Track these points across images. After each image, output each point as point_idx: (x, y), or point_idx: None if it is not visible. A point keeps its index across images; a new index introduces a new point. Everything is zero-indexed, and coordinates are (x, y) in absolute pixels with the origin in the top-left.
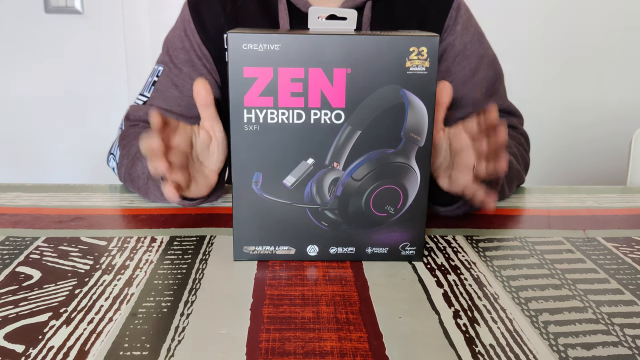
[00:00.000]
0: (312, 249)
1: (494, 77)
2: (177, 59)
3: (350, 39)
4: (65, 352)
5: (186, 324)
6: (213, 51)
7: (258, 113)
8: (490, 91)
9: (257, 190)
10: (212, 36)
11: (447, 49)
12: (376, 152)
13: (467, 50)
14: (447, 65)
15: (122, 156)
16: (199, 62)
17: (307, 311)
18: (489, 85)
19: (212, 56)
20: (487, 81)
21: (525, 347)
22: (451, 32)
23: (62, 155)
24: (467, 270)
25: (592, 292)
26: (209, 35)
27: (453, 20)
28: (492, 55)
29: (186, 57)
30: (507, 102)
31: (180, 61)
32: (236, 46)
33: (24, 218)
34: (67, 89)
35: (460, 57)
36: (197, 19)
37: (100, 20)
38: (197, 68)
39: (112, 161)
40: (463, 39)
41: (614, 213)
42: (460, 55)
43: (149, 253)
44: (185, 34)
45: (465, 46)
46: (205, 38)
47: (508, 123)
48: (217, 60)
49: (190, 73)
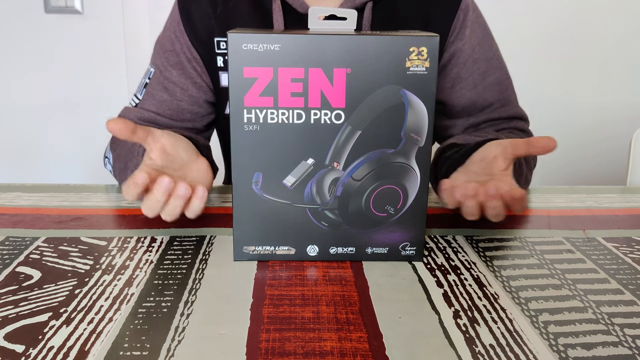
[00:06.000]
0: (312, 249)
1: (505, 82)
2: (168, 61)
3: (350, 39)
4: (65, 352)
5: (186, 324)
6: (203, 54)
7: (258, 113)
8: (500, 95)
9: (257, 190)
10: (202, 39)
11: (455, 54)
12: (376, 152)
13: (476, 53)
14: (457, 72)
15: (114, 160)
16: (188, 64)
17: (307, 311)
18: (501, 91)
19: (202, 59)
20: (498, 85)
21: (525, 347)
22: (459, 37)
23: (62, 155)
24: (467, 270)
25: (592, 292)
26: (199, 38)
27: (461, 22)
28: (499, 57)
29: (176, 60)
30: (517, 107)
31: (170, 64)
32: (236, 46)
33: (24, 218)
34: (67, 89)
35: (470, 61)
36: (186, 21)
37: (100, 20)
38: (186, 71)
39: (107, 164)
40: (471, 42)
41: (614, 213)
42: (469, 59)
43: (149, 253)
44: (175, 35)
45: (474, 49)
46: (195, 40)
47: (520, 127)
48: (207, 63)
49: (180, 76)
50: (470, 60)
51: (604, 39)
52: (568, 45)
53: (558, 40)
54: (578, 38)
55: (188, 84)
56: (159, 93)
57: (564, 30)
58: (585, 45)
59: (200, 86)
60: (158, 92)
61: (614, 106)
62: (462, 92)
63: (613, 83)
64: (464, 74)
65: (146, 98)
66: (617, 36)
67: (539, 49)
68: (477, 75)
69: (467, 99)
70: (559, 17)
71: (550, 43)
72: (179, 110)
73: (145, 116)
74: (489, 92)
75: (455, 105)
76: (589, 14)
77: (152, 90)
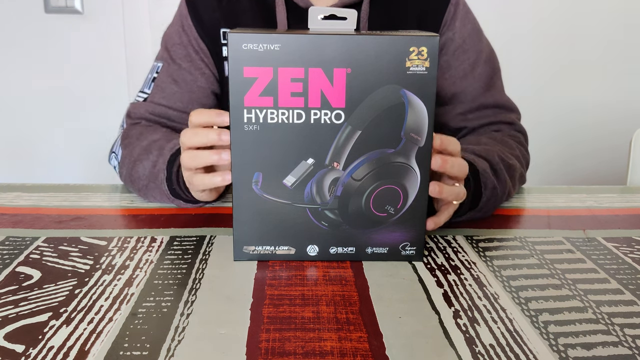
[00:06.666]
0: (312, 249)
1: (491, 72)
2: (176, 55)
3: (350, 39)
4: (65, 352)
5: (186, 324)
6: (210, 45)
7: (258, 113)
8: (487, 85)
9: (257, 190)
10: (208, 30)
11: (446, 43)
12: (376, 152)
13: (466, 44)
14: (446, 59)
15: (124, 156)
16: (196, 56)
17: (307, 311)
18: (486, 79)
19: (209, 50)
20: (486, 76)
21: (525, 347)
22: (450, 27)
23: (62, 156)
24: (467, 270)
25: (592, 292)
26: (206, 30)
27: (451, 15)
28: (490, 51)
29: (184, 52)
30: (505, 97)
31: (178, 56)
32: (236, 46)
33: (24, 218)
34: (67, 89)
35: (460, 51)
36: (193, 14)
37: (100, 20)
38: (195, 63)
39: (113, 160)
40: (462, 34)
41: (614, 213)
42: (459, 49)
43: (149, 253)
44: (183, 29)
45: (464, 40)
46: (202, 32)
47: (506, 120)
48: (213, 55)
49: (189, 68)
50: (459, 50)
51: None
52: (568, 44)
53: (558, 40)
54: (578, 37)
55: (197, 74)
56: (169, 86)
57: (564, 29)
58: (586, 44)
59: (208, 77)
60: (168, 84)
61: (614, 106)
62: (452, 80)
63: (613, 82)
64: (453, 63)
65: (155, 91)
66: (618, 36)
67: (539, 49)
68: (467, 65)
69: (456, 87)
70: (559, 17)
71: (550, 43)
72: (189, 101)
73: (157, 111)
74: (478, 83)
75: (446, 93)
76: (589, 14)
77: (161, 84)
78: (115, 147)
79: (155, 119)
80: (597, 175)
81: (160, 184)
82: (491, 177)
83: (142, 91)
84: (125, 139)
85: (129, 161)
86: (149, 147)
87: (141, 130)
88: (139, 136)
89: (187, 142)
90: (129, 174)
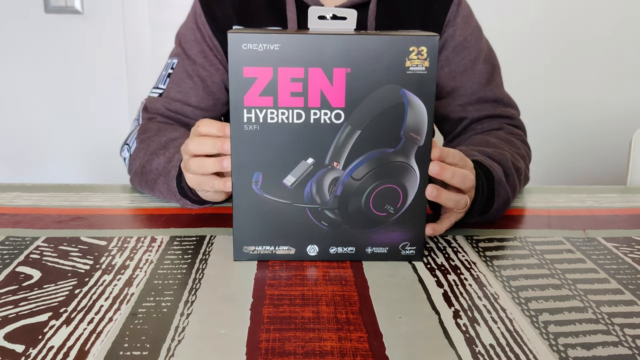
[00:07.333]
0: (312, 248)
1: (491, 69)
2: (190, 51)
3: (350, 38)
4: (65, 352)
5: (186, 324)
6: (223, 42)
7: (258, 113)
8: (487, 81)
9: (257, 190)
10: (222, 27)
11: (447, 40)
12: (376, 152)
13: (467, 42)
14: (446, 55)
15: (139, 149)
16: (210, 53)
17: (307, 311)
18: (486, 76)
19: (223, 47)
20: (486, 72)
21: (525, 347)
22: (452, 25)
23: (62, 156)
24: (467, 270)
25: (592, 292)
26: (219, 26)
27: (454, 14)
28: (489, 50)
29: (199, 49)
30: (504, 93)
31: (193, 53)
32: (236, 46)
33: (24, 218)
34: (67, 89)
35: (460, 47)
36: (207, 11)
37: (100, 20)
38: (209, 59)
39: (125, 151)
40: (464, 31)
41: (614, 213)
42: (460, 46)
43: (149, 253)
44: (197, 26)
45: (466, 38)
46: (216, 29)
47: (506, 114)
48: (226, 52)
49: (204, 64)
50: (460, 46)
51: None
52: (568, 44)
53: (558, 39)
54: (578, 37)
55: (212, 70)
56: (185, 81)
57: (564, 28)
58: (586, 44)
59: (222, 73)
60: (183, 80)
61: (614, 106)
62: (452, 75)
63: (614, 82)
64: (453, 59)
65: (171, 86)
66: (618, 35)
67: (539, 49)
68: (468, 61)
69: (456, 81)
70: (560, 16)
71: (550, 41)
72: (204, 97)
73: (173, 107)
74: (477, 79)
75: (446, 87)
76: (589, 12)
77: (177, 79)
78: (129, 140)
79: (171, 114)
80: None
81: (171, 180)
82: (505, 187)
83: (157, 87)
84: (142, 133)
85: (144, 154)
86: (167, 144)
87: (160, 127)
88: (157, 132)
89: (194, 150)
90: (142, 166)
